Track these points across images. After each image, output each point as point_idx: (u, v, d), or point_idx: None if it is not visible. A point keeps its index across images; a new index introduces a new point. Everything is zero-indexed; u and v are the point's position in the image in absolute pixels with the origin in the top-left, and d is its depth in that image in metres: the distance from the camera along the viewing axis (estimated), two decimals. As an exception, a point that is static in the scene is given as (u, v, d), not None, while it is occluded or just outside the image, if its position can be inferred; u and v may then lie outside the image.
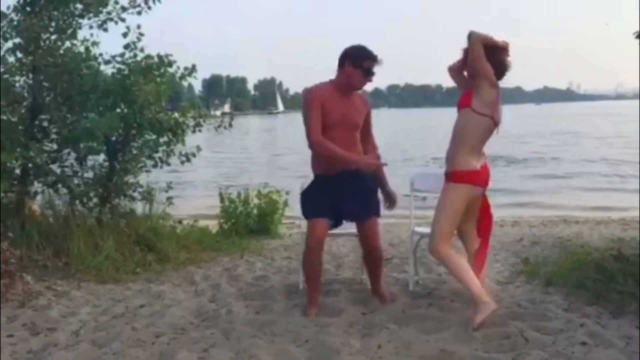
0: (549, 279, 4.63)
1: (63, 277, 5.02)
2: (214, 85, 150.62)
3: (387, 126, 35.58)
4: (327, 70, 4.05)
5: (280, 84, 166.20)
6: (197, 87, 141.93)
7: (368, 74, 3.94)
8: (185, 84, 6.61)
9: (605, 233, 7.04)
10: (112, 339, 3.57)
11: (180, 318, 3.99)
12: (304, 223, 4.60)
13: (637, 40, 5.19)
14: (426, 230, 4.79)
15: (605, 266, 4.44)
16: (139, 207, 6.29)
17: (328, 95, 3.92)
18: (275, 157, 25.08)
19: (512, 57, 3.73)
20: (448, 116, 4.55)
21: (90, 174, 6.04)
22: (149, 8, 5.85)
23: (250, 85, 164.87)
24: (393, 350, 3.32)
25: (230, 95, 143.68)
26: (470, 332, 3.49)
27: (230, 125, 6.53)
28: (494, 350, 3.26)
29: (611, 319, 3.69)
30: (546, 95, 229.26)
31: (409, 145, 27.36)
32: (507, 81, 3.78)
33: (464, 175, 3.72)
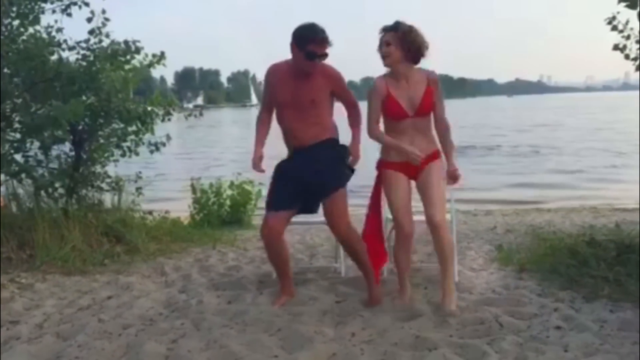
0: (522, 265, 4.64)
1: (27, 269, 4.87)
2: (186, 77, 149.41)
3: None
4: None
5: (254, 76, 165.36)
6: (170, 79, 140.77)
7: (311, 57, 3.63)
8: (156, 75, 6.48)
9: (576, 220, 7.10)
10: (77, 332, 3.45)
11: (149, 309, 3.88)
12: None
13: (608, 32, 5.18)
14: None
15: (578, 251, 4.47)
16: (108, 198, 6.15)
17: (280, 74, 3.79)
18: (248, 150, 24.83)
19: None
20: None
21: (55, 164, 5.86)
22: (115, -8, 5.68)
23: (223, 78, 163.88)
24: (367, 337, 3.27)
25: (204, 87, 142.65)
26: (445, 318, 3.46)
27: (201, 114, 6.41)
28: (468, 336, 3.22)
29: (585, 303, 3.70)
30: (518, 88, 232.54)
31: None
32: (480, 73, 3.80)
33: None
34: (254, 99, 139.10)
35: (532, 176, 14.39)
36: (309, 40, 3.61)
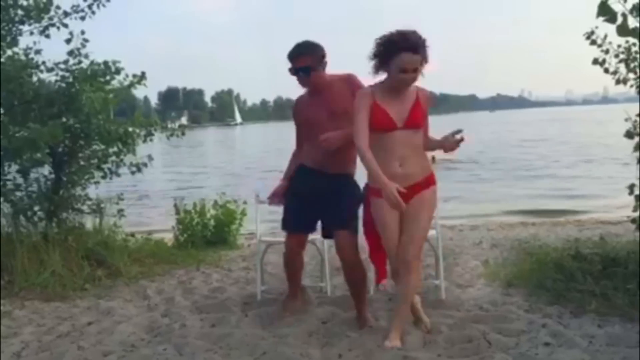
0: (509, 280, 4.62)
1: (5, 296, 4.73)
2: (170, 97, 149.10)
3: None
4: (286, 80, 3.92)
5: (238, 95, 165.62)
6: (154, 99, 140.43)
7: (293, 74, 3.76)
8: (140, 95, 6.42)
9: (561, 234, 7.11)
10: (56, 360, 3.35)
11: (131, 335, 3.78)
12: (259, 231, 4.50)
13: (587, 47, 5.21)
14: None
15: (564, 266, 4.45)
16: (89, 221, 6.05)
17: (301, 101, 3.97)
18: (232, 167, 24.79)
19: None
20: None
21: (34, 187, 5.75)
22: (93, 13, 5.63)
23: (207, 97, 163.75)
24: (354, 358, 3.20)
25: (187, 107, 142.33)
26: (433, 337, 3.41)
27: (183, 134, 6.34)
28: (457, 355, 3.18)
29: (572, 318, 3.68)
30: (499, 103, 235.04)
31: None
32: (461, 89, 3.65)
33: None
34: (238, 118, 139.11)
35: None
36: (290, 59, 3.74)
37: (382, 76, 3.36)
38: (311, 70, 3.70)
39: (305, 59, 3.70)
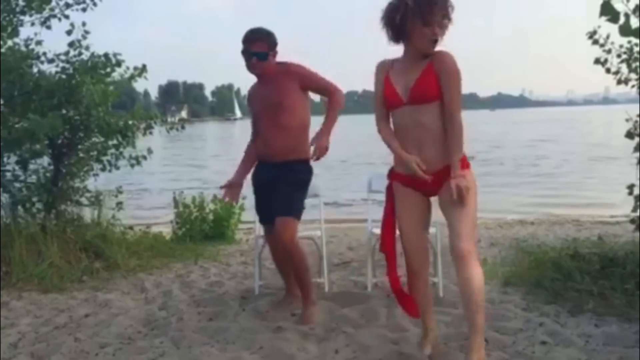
0: (507, 279, 4.61)
1: (3, 286, 4.74)
2: (170, 91, 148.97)
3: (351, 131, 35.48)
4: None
5: (238, 90, 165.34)
6: (154, 93, 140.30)
7: (246, 57, 3.76)
8: (140, 89, 6.42)
9: (560, 233, 7.10)
10: (53, 351, 3.36)
11: (128, 327, 3.78)
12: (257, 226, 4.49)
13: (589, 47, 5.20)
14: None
15: (562, 265, 4.44)
16: (88, 213, 6.04)
17: (252, 88, 3.97)
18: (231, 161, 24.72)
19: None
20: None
21: (33, 179, 5.74)
22: (95, 4, 5.61)
23: (207, 92, 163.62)
24: (351, 354, 3.20)
25: (188, 101, 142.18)
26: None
27: (183, 128, 6.33)
28: (454, 353, 3.17)
29: (570, 317, 3.67)
30: (500, 102, 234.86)
31: (368, 149, 27.39)
32: (463, 88, 2.88)
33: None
34: (238, 113, 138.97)
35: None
36: (243, 42, 3.76)
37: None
38: (267, 57, 3.73)
39: (262, 45, 3.73)
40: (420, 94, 2.74)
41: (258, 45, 3.72)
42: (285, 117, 3.72)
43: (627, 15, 3.69)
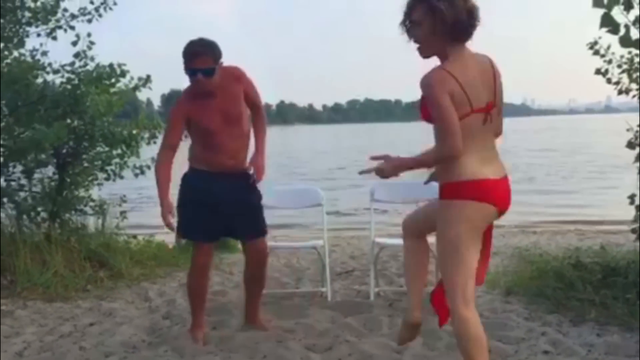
0: (509, 288, 4.62)
1: (8, 295, 4.77)
2: (173, 100, 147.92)
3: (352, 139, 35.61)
4: (288, 85, 3.91)
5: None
6: (157, 102, 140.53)
7: (189, 75, 3.44)
8: (143, 98, 6.45)
9: (562, 243, 7.11)
10: (58, 360, 3.37)
11: (132, 336, 3.81)
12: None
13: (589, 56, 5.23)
14: (387, 240, 4.76)
15: (564, 274, 4.45)
16: (92, 222, 6.07)
17: (185, 103, 3.62)
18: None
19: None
20: (406, 130, 4.51)
21: (38, 188, 5.78)
22: (100, 16, 5.66)
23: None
24: (354, 363, 3.22)
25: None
26: (433, 343, 3.42)
27: (186, 137, 6.35)
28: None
29: (572, 327, 3.69)
30: (503, 110, 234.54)
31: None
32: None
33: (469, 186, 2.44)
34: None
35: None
36: (184, 58, 3.43)
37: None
38: (214, 72, 3.39)
39: (207, 59, 3.38)
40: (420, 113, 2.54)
41: (202, 61, 3.36)
42: (243, 125, 3.55)
43: (627, 27, 3.73)
